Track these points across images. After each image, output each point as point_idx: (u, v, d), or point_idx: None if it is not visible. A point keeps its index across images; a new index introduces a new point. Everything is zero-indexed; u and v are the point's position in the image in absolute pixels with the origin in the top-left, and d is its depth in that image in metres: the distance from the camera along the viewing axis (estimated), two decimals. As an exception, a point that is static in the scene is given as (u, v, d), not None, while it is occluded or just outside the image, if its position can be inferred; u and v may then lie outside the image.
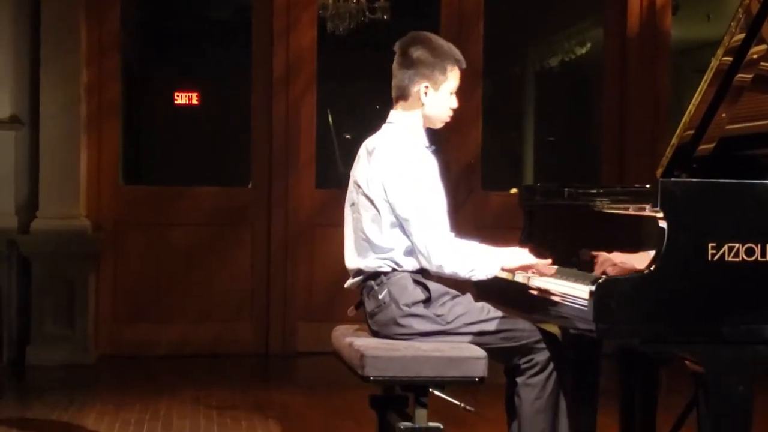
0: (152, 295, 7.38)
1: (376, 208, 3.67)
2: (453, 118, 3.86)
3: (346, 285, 3.83)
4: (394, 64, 3.80)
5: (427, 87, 3.74)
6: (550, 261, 3.64)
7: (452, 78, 3.78)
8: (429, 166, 3.68)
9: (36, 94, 7.07)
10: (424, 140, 3.77)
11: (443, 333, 3.61)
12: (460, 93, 3.86)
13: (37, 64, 7.06)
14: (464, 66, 3.82)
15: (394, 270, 3.66)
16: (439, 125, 3.83)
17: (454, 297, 3.67)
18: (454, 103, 3.82)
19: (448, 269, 3.57)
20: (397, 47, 3.82)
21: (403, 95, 3.78)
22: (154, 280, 7.39)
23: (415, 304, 3.62)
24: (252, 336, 7.50)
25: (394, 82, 3.80)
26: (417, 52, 3.75)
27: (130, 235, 7.38)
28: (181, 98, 10.50)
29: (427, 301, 3.63)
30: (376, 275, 3.68)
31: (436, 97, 3.76)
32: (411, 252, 3.65)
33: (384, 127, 3.83)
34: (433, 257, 3.56)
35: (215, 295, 7.44)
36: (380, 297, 3.64)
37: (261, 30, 7.60)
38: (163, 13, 10.39)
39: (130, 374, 6.84)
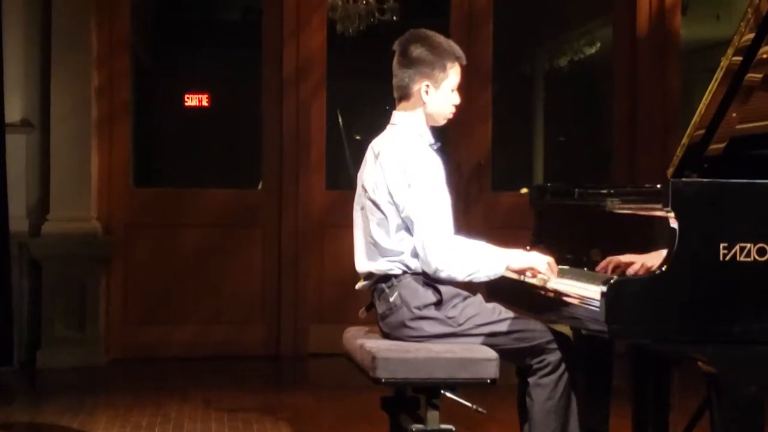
0: (163, 297, 7.39)
1: (383, 213, 3.66)
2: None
3: (357, 287, 3.83)
4: (394, 64, 3.79)
5: (428, 86, 3.73)
6: (552, 259, 3.61)
7: (453, 75, 3.77)
8: (434, 167, 3.66)
9: (47, 97, 7.08)
10: (428, 138, 3.76)
11: (455, 335, 3.60)
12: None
13: (47, 67, 7.07)
14: (464, 62, 3.80)
15: (404, 272, 3.65)
16: (441, 122, 3.82)
17: (465, 298, 3.66)
18: (456, 99, 3.81)
19: (445, 273, 3.55)
20: (396, 46, 3.81)
21: (405, 95, 3.77)
22: (165, 282, 7.40)
23: (426, 306, 3.61)
24: (263, 338, 7.50)
25: (395, 82, 3.79)
26: (416, 51, 3.73)
27: (140, 238, 7.40)
28: (192, 100, 10.54)
29: (438, 304, 3.62)
30: (386, 278, 3.67)
31: (437, 95, 3.75)
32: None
33: (388, 128, 3.82)
34: (431, 260, 3.55)
35: (226, 297, 7.45)
36: (391, 300, 3.63)
37: (271, 31, 7.60)
38: (173, 15, 10.42)
39: (141, 377, 6.85)
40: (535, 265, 3.59)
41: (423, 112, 3.76)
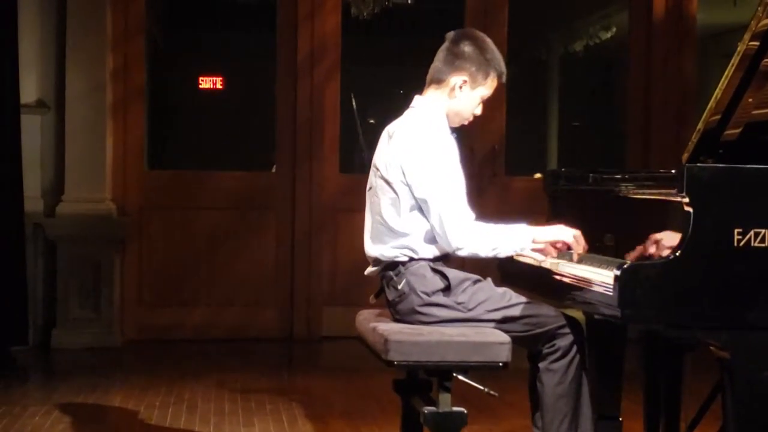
0: (177, 279, 7.42)
1: (395, 191, 3.66)
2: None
3: (366, 273, 3.83)
4: (441, 49, 3.78)
5: (465, 81, 3.73)
6: (579, 232, 3.59)
7: (489, 85, 3.78)
8: (449, 149, 3.67)
9: (62, 79, 7.10)
10: (446, 127, 3.76)
11: (465, 320, 3.60)
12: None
13: (63, 49, 7.09)
14: (504, 80, 3.81)
15: (411, 259, 3.65)
16: (456, 124, 3.81)
17: (475, 282, 3.66)
18: (479, 109, 3.82)
19: (467, 250, 3.55)
20: (449, 36, 3.80)
21: (438, 80, 3.76)
22: (179, 264, 7.42)
23: (434, 292, 3.61)
24: (276, 320, 7.52)
25: (434, 65, 3.78)
26: (468, 47, 3.74)
27: (154, 220, 7.42)
28: (206, 83, 10.54)
29: (447, 290, 3.62)
30: (394, 265, 3.67)
31: (468, 95, 3.75)
32: (429, 239, 3.64)
33: (407, 112, 3.82)
34: (451, 237, 3.55)
35: (240, 279, 7.47)
36: (399, 287, 3.64)
37: (285, 14, 7.60)
38: (188, -3, 10.40)
39: (155, 358, 6.88)
40: (563, 237, 3.57)
41: (445, 105, 3.76)
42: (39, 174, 7.11)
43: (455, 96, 3.74)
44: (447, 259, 3.69)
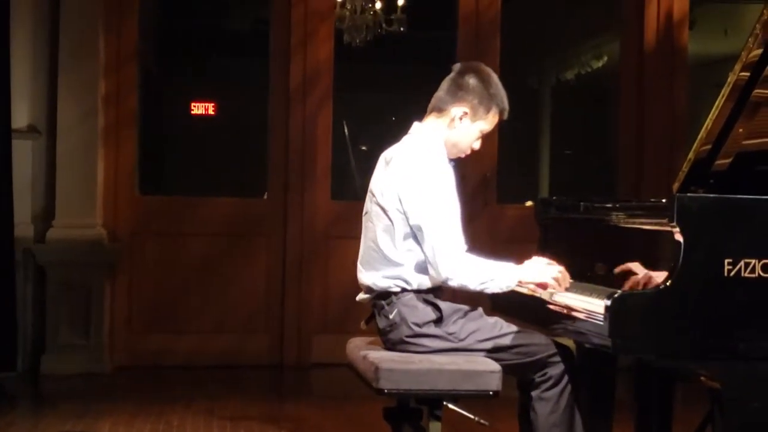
0: (168, 305, 7.39)
1: (390, 219, 3.66)
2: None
3: (357, 299, 3.83)
4: (446, 79, 3.81)
5: (465, 113, 3.75)
6: (563, 269, 3.61)
7: (491, 120, 3.80)
8: (446, 177, 3.68)
9: (54, 104, 7.10)
10: (444, 155, 3.76)
11: (456, 350, 3.60)
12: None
13: (55, 75, 7.09)
14: (505, 117, 3.82)
15: (403, 290, 3.65)
16: (453, 155, 3.82)
17: (466, 313, 3.66)
18: (477, 144, 3.84)
19: (457, 281, 3.55)
20: (456, 66, 3.83)
21: (440, 109, 3.77)
22: (170, 290, 7.40)
23: (425, 324, 3.61)
24: (267, 347, 7.50)
25: (437, 94, 3.80)
26: (473, 80, 3.76)
27: (146, 245, 7.40)
28: (198, 108, 10.56)
29: (439, 321, 3.62)
30: (386, 295, 3.67)
31: (468, 127, 3.77)
32: (421, 269, 3.64)
33: (404, 138, 3.83)
34: (442, 267, 3.55)
35: (230, 305, 7.45)
36: (390, 317, 3.64)
37: (278, 42, 7.61)
38: (181, 24, 10.44)
39: (144, 384, 6.84)
40: (546, 280, 3.59)
41: (444, 134, 3.77)
42: (29, 199, 7.09)
43: (454, 126, 3.76)
44: (439, 290, 3.69)
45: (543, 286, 3.60)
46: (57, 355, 6.97)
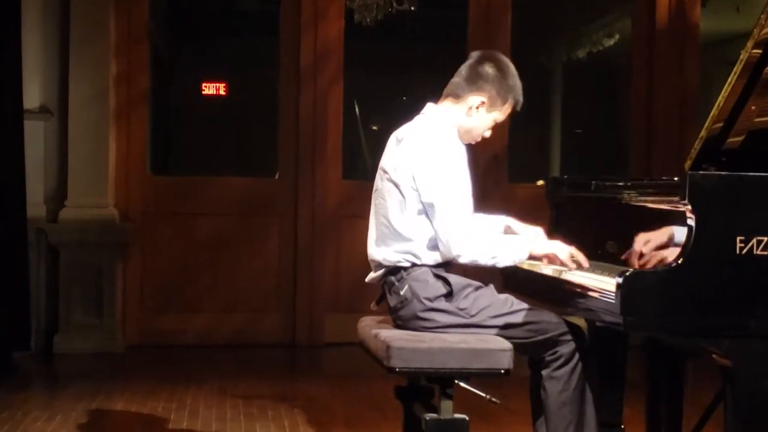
0: (179, 285, 7.42)
1: (402, 194, 3.67)
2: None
3: (366, 280, 3.84)
4: (464, 66, 3.80)
5: (483, 103, 3.75)
6: (575, 249, 3.61)
7: (505, 111, 3.81)
8: (458, 155, 3.68)
9: (65, 85, 7.11)
10: (456, 137, 3.76)
11: (467, 326, 3.61)
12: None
13: (66, 55, 7.10)
14: (519, 108, 3.82)
15: (413, 265, 3.66)
16: (464, 141, 3.82)
17: (477, 288, 3.66)
18: (488, 132, 3.84)
19: (467, 256, 3.56)
20: (475, 54, 3.83)
21: (456, 95, 3.77)
22: (182, 269, 7.43)
23: (437, 298, 3.62)
24: (279, 326, 7.52)
25: (454, 80, 3.80)
26: (492, 69, 3.76)
27: (157, 225, 7.42)
28: (209, 89, 10.54)
29: (449, 295, 3.62)
30: (396, 270, 3.68)
31: (483, 116, 3.77)
32: (432, 245, 3.64)
33: (417, 118, 3.83)
34: (453, 243, 3.56)
35: (242, 285, 7.47)
36: (401, 293, 3.64)
37: (288, 21, 7.61)
38: (192, 3, 10.42)
39: (157, 363, 6.88)
40: (558, 253, 3.60)
41: (459, 120, 3.77)
42: (42, 180, 7.12)
43: (471, 115, 3.76)
44: (449, 265, 3.70)
45: (552, 259, 3.61)
46: (70, 335, 7.01)
